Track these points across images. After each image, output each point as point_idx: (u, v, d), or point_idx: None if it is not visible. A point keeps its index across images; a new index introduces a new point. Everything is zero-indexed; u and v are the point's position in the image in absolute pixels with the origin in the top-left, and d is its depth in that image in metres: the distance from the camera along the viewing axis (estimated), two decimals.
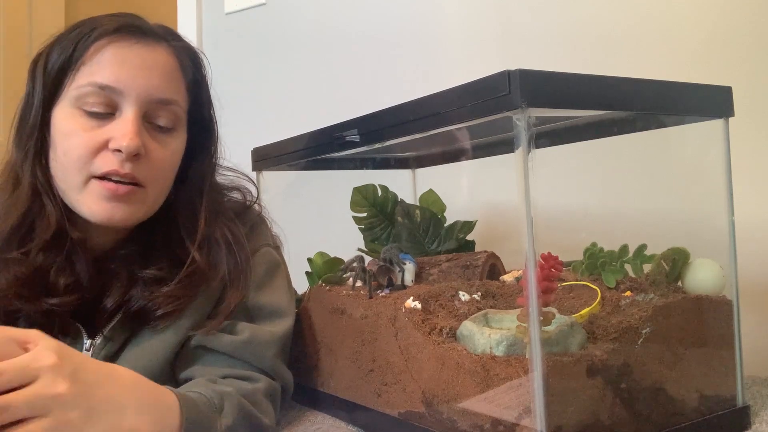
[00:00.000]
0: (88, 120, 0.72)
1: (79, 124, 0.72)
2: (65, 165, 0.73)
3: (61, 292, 0.73)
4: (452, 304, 0.74)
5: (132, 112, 0.72)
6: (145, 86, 0.73)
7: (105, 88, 0.71)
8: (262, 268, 0.84)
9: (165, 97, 0.75)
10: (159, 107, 0.75)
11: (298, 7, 1.56)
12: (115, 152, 0.71)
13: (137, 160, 0.72)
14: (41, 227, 0.74)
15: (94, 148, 0.72)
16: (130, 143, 0.70)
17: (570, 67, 0.60)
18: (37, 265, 0.73)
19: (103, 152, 0.72)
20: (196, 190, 0.82)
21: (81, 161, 0.72)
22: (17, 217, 0.74)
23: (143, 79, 0.73)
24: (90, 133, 0.72)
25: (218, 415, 0.67)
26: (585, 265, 0.80)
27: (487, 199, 1.22)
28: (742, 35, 1.05)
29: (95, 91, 0.72)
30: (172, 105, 0.76)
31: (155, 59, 0.75)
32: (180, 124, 0.78)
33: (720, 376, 0.71)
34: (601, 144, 0.83)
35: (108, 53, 0.72)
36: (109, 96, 0.72)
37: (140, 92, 0.73)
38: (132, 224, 0.77)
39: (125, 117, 0.72)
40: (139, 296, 0.76)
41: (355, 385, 0.80)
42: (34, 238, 0.74)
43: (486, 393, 0.60)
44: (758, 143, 1.03)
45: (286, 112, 1.56)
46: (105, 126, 0.72)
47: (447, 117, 0.63)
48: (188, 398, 0.65)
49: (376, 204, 1.08)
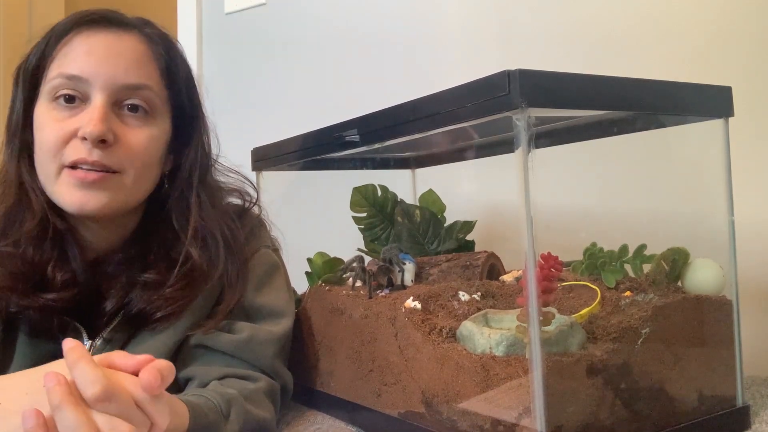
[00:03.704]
0: (60, 111, 0.73)
1: (52, 116, 0.73)
2: (40, 157, 0.74)
3: (57, 287, 0.74)
4: (452, 304, 0.74)
5: (99, 100, 0.72)
6: (111, 73, 0.73)
7: (72, 78, 0.72)
8: (262, 269, 0.84)
9: (133, 82, 0.74)
10: (129, 93, 0.74)
11: (298, 7, 1.56)
12: (83, 140, 0.71)
13: (106, 147, 0.72)
14: (27, 219, 0.75)
15: (65, 137, 0.72)
16: (93, 129, 0.70)
17: (570, 67, 0.60)
18: (30, 257, 0.74)
19: (73, 141, 0.72)
20: (187, 182, 0.81)
21: (52, 152, 0.72)
22: (5, 210, 0.76)
23: (109, 66, 0.73)
24: (61, 123, 0.73)
25: (225, 421, 0.67)
26: (585, 265, 0.80)
27: (487, 199, 1.22)
28: (742, 35, 1.05)
29: (64, 83, 0.73)
30: (142, 90, 0.75)
31: (123, 46, 0.75)
32: (156, 111, 0.77)
33: (720, 376, 0.71)
34: (601, 144, 0.83)
35: (74, 44, 0.74)
36: (78, 86, 0.73)
37: (106, 79, 0.73)
38: (111, 213, 0.76)
39: (92, 105, 0.73)
40: (138, 299, 0.76)
41: (354, 385, 0.80)
42: (22, 230, 0.75)
43: (486, 393, 0.60)
44: (758, 143, 1.03)
45: (286, 112, 1.56)
46: (76, 116, 0.73)
47: (447, 117, 0.63)
48: (196, 405, 0.65)
49: (376, 204, 1.08)
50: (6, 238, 0.75)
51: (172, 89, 0.79)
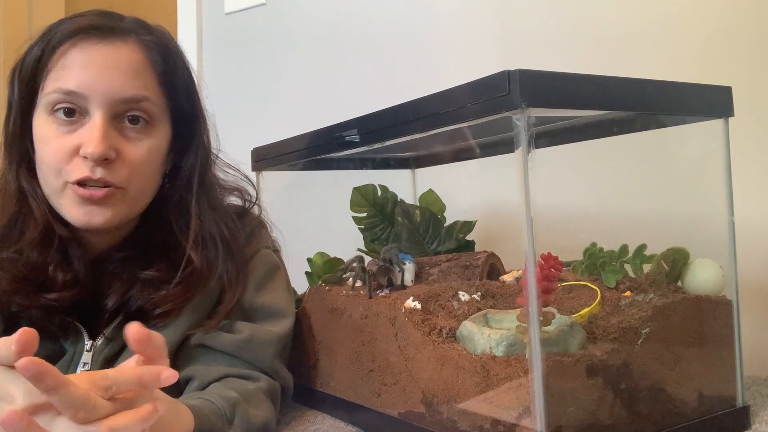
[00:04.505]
0: (59, 126, 0.72)
1: (51, 130, 0.73)
2: (43, 171, 0.74)
3: (59, 287, 0.74)
4: (452, 305, 0.74)
5: (99, 116, 0.71)
6: (108, 87, 0.72)
7: (70, 93, 0.71)
8: (262, 269, 0.84)
9: (132, 95, 0.73)
10: (128, 106, 0.73)
11: (298, 7, 1.56)
12: (84, 159, 0.71)
13: (109, 164, 0.72)
14: (30, 227, 0.75)
15: (66, 154, 0.72)
16: (95, 150, 0.70)
17: (570, 67, 0.60)
18: (33, 261, 0.74)
19: (76, 158, 0.72)
20: (187, 185, 0.81)
21: (54, 168, 0.72)
22: (7, 218, 0.76)
23: (106, 81, 0.72)
24: (61, 139, 0.72)
25: (229, 426, 0.68)
26: (585, 265, 0.80)
27: (487, 199, 1.22)
28: (742, 35, 1.05)
29: (62, 98, 0.72)
30: (142, 102, 0.74)
31: (119, 58, 0.73)
32: (156, 120, 0.76)
33: (720, 376, 0.71)
34: (601, 144, 0.83)
35: (70, 57, 0.72)
36: (76, 101, 0.72)
37: (104, 94, 0.71)
38: (116, 225, 0.76)
39: (92, 122, 0.72)
40: (137, 296, 0.76)
41: (354, 385, 0.80)
42: (25, 238, 0.75)
43: (486, 393, 0.60)
44: (758, 143, 1.03)
45: (286, 112, 1.56)
46: (76, 131, 0.72)
47: (447, 117, 0.63)
48: (200, 410, 0.65)
49: (376, 204, 1.08)
50: (8, 244, 0.75)
51: (171, 96, 0.78)
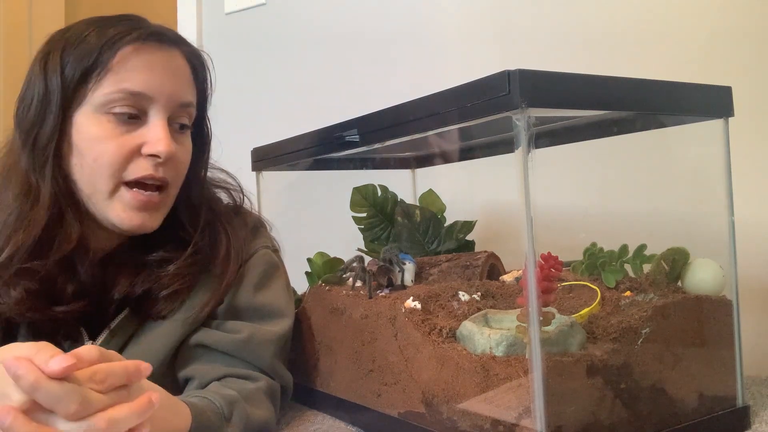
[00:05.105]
0: (117, 125, 0.73)
1: (108, 129, 0.72)
2: (95, 171, 0.73)
3: (69, 299, 0.73)
4: (452, 305, 0.74)
5: (161, 117, 0.74)
6: (171, 91, 0.75)
7: (136, 94, 0.73)
8: (261, 268, 0.84)
9: (188, 100, 0.78)
10: (181, 110, 0.77)
11: (298, 7, 1.56)
12: (148, 157, 0.73)
13: (164, 164, 0.75)
14: (61, 240, 0.72)
15: (127, 153, 0.73)
16: (165, 148, 0.73)
17: (570, 67, 0.60)
18: (47, 274, 0.72)
19: (136, 157, 0.73)
20: (196, 184, 0.84)
21: (113, 167, 0.72)
22: (40, 229, 0.71)
23: (170, 84, 0.75)
24: (121, 138, 0.73)
25: (227, 424, 0.68)
26: (585, 265, 0.80)
27: (487, 199, 1.22)
28: (742, 35, 1.05)
29: (125, 97, 0.72)
30: (190, 107, 0.79)
31: (177, 64, 0.77)
32: (191, 124, 0.81)
33: (720, 376, 0.71)
34: (601, 144, 0.83)
35: (135, 60, 0.73)
36: (139, 102, 0.73)
37: (168, 97, 0.75)
38: None
39: (156, 122, 0.74)
40: (144, 280, 0.77)
41: (354, 385, 0.80)
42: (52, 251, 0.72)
43: (486, 393, 0.60)
44: (758, 143, 1.03)
45: (286, 112, 1.56)
46: (135, 131, 0.73)
47: (447, 117, 0.63)
48: (198, 407, 0.65)
49: (376, 204, 1.08)
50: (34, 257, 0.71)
51: (201, 104, 0.83)
